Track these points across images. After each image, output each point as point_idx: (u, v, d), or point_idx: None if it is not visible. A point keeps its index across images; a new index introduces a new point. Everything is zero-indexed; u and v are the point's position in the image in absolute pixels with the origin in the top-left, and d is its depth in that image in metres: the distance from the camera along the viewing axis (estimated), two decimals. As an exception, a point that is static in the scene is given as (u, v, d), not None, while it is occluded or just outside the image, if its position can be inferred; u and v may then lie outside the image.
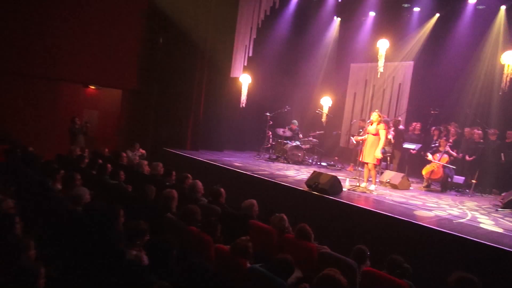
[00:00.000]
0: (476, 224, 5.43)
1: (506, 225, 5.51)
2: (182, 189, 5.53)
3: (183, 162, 9.51)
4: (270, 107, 10.98)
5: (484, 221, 5.64)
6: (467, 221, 5.54)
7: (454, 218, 5.66)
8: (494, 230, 5.18)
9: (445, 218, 5.60)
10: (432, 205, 6.52)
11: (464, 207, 6.66)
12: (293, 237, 3.86)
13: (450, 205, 6.73)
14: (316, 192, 6.39)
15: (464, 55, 10.01)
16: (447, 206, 6.55)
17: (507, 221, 5.83)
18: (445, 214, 5.86)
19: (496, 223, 5.57)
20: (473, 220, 5.63)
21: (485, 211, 6.43)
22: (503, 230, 5.21)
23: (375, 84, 12.00)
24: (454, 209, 6.38)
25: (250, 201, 4.57)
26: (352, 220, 5.71)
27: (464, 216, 5.89)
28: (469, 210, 6.36)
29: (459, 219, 5.61)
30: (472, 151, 8.67)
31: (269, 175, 7.71)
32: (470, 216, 5.90)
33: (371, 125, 7.50)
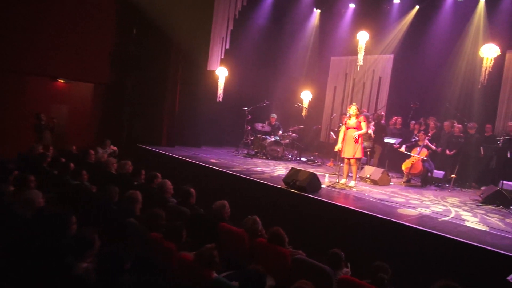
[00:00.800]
0: (461, 222, 5.27)
1: (490, 223, 5.38)
2: (151, 189, 5.18)
3: (158, 159, 9.11)
4: (248, 101, 10.65)
5: (468, 219, 5.50)
6: (451, 219, 5.39)
7: (438, 216, 5.49)
8: (479, 228, 5.03)
9: (429, 216, 5.43)
10: (415, 202, 6.36)
11: (447, 203, 6.52)
12: (265, 241, 3.57)
13: (433, 201, 6.58)
14: (293, 189, 6.13)
15: (444, 48, 9.92)
16: (430, 203, 6.40)
17: (491, 217, 5.72)
18: (428, 212, 5.69)
19: (481, 221, 5.44)
20: (457, 218, 5.48)
21: (468, 207, 6.31)
22: (488, 228, 5.07)
23: (355, 78, 11.82)
24: (437, 206, 6.23)
25: (221, 202, 4.26)
26: (332, 219, 5.48)
27: (448, 213, 5.73)
28: (452, 207, 6.23)
29: (443, 217, 5.45)
30: (452, 145, 8.59)
31: (245, 172, 7.41)
32: (454, 214, 5.74)
33: (349, 119, 7.29)
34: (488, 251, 4.10)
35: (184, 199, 4.61)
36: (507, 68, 8.97)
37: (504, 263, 3.97)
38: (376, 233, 4.98)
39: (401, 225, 4.82)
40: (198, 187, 7.49)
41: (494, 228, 5.07)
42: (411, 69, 10.47)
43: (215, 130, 11.50)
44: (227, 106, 10.97)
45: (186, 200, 4.60)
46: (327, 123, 11.91)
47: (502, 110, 9.04)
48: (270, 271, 3.42)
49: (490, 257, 4.07)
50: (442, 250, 4.41)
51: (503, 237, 4.65)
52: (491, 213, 6.01)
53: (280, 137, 10.18)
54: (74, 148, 7.86)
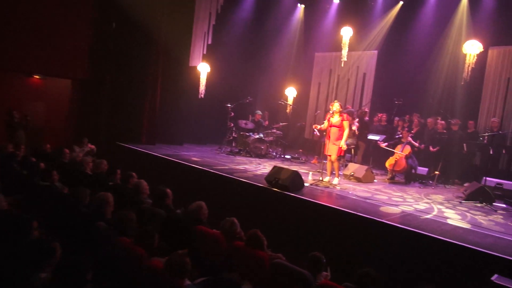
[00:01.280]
0: (443, 220, 5.20)
1: (472, 220, 5.33)
2: (126, 190, 4.95)
3: (137, 157, 8.85)
4: (232, 98, 10.45)
5: (451, 216, 5.44)
6: (434, 217, 5.32)
7: (420, 214, 5.41)
8: (461, 226, 4.96)
9: (412, 215, 5.34)
10: (397, 200, 6.27)
11: (429, 200, 6.47)
12: (243, 244, 3.40)
13: (416, 199, 6.51)
14: (276, 188, 5.97)
15: (427, 45, 9.89)
16: (413, 200, 6.33)
17: (473, 215, 5.66)
18: (411, 210, 5.61)
19: (463, 218, 5.38)
20: (440, 216, 5.41)
21: (450, 205, 6.26)
22: (470, 226, 5.01)
23: (339, 74, 11.72)
24: (420, 203, 6.16)
25: (198, 203, 4.06)
26: (314, 219, 5.34)
27: (431, 211, 5.67)
28: (435, 204, 6.17)
29: (426, 215, 5.37)
30: (435, 141, 8.56)
31: (228, 170, 7.22)
32: (436, 211, 5.68)
33: (332, 117, 7.16)
34: (471, 250, 4.01)
35: (159, 200, 4.40)
36: (489, 65, 8.98)
37: (487, 262, 3.88)
38: (359, 233, 4.86)
39: (384, 224, 4.71)
40: (178, 187, 7.29)
41: (477, 225, 5.00)
42: (395, 66, 10.42)
43: (197, 127, 11.27)
44: (210, 103, 10.75)
45: (162, 201, 4.39)
46: (311, 120, 11.79)
47: (485, 107, 9.05)
48: (247, 276, 3.25)
49: (473, 257, 3.98)
50: (425, 249, 4.31)
51: (486, 235, 4.59)
52: (473, 210, 5.97)
53: (264, 134, 10.01)
54: (48, 146, 7.54)
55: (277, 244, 5.43)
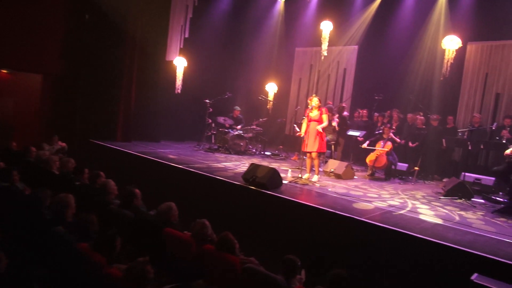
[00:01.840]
0: (416, 215, 5.15)
1: (445, 215, 5.28)
2: (93, 190, 4.67)
3: (111, 155, 8.51)
4: (210, 93, 10.18)
5: (424, 212, 5.39)
6: (407, 212, 5.27)
7: (394, 209, 5.34)
8: (432, 221, 4.91)
9: (386, 210, 5.26)
10: (373, 196, 6.19)
11: (405, 196, 6.41)
12: (213, 248, 3.19)
13: (392, 194, 6.45)
14: (253, 186, 5.78)
15: (407, 40, 9.84)
16: (388, 196, 6.26)
17: (448, 210, 5.61)
18: (385, 205, 5.53)
19: (436, 214, 5.33)
20: (413, 211, 5.35)
21: (425, 200, 6.23)
22: (442, 221, 4.97)
23: (320, 69, 11.58)
24: (395, 199, 6.10)
25: (167, 204, 3.83)
26: (292, 218, 5.18)
27: (405, 206, 5.60)
28: (410, 200, 6.12)
29: (399, 210, 5.31)
30: (414, 137, 8.53)
31: (204, 168, 6.98)
32: (410, 207, 5.63)
33: (311, 112, 7.03)
34: (451, 248, 3.91)
35: (127, 201, 4.14)
36: (468, 60, 8.99)
37: (467, 261, 3.79)
38: (336, 231, 4.72)
39: (362, 222, 4.57)
40: (153, 186, 7.05)
41: (456, 222, 4.93)
42: (375, 61, 10.34)
43: (176, 124, 10.95)
44: (188, 99, 10.46)
45: (130, 202, 4.13)
46: (292, 115, 11.64)
47: (463, 102, 9.06)
48: (217, 282, 3.05)
49: (453, 255, 3.88)
50: (404, 248, 4.19)
51: (466, 233, 4.50)
52: (452, 206, 5.92)
53: (243, 130, 9.79)
54: (14, 145, 7.14)
55: (255, 244, 5.26)
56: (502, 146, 6.88)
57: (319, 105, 7.02)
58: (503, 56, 8.47)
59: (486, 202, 6.54)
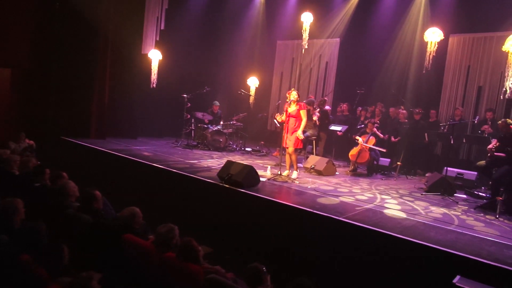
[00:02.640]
0: (380, 209, 5.06)
1: (410, 209, 5.17)
2: (51, 192, 4.31)
3: (83, 153, 8.11)
4: (189, 88, 9.83)
5: (391, 206, 5.28)
6: (373, 207, 5.18)
7: (359, 203, 5.27)
8: (397, 215, 4.83)
9: (350, 204, 5.19)
10: (343, 191, 6.08)
11: (376, 191, 6.29)
12: (174, 256, 2.90)
13: (364, 189, 6.35)
14: (228, 185, 5.49)
15: (389, 32, 9.67)
16: (359, 191, 6.17)
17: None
18: (351, 200, 5.43)
19: (402, 208, 5.21)
20: (380, 206, 5.26)
21: (398, 195, 6.13)
22: (406, 215, 4.86)
23: (302, 63, 11.33)
24: (365, 194, 6.00)
25: (131, 209, 3.51)
26: (268, 218, 4.93)
27: (373, 201, 5.50)
28: (380, 194, 6.03)
29: (366, 205, 5.21)
30: (397, 131, 8.37)
31: (179, 166, 6.66)
32: (379, 200, 5.57)
33: (290, 106, 6.77)
34: (432, 249, 3.70)
35: (86, 204, 3.81)
36: (450, 53, 8.85)
37: (449, 262, 3.59)
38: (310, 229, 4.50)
39: (338, 221, 4.35)
40: (124, 185, 6.73)
41: (438, 220, 4.75)
42: (357, 54, 10.14)
43: (154, 119, 10.58)
44: (166, 93, 10.11)
45: (89, 206, 3.80)
46: (274, 110, 11.37)
47: (446, 96, 8.93)
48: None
49: (434, 256, 3.68)
50: (383, 249, 3.98)
51: (448, 231, 4.32)
52: (435, 202, 5.78)
53: (223, 126, 9.48)
54: (-26, 143, 6.70)
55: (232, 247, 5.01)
56: (484, 140, 6.76)
57: (297, 99, 6.76)
58: (485, 48, 8.35)
59: (469, 197, 6.42)
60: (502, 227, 4.70)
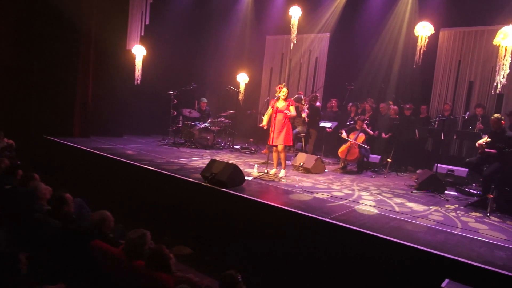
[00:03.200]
0: (353, 205, 4.98)
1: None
2: (22, 195, 4.09)
3: (65, 152, 7.85)
4: (176, 84, 9.59)
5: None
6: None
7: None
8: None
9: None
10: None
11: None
12: (143, 264, 2.71)
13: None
14: (212, 184, 5.29)
15: (379, 26, 9.53)
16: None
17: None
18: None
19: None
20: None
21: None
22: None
23: (291, 58, 11.13)
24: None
25: (101, 213, 3.31)
26: (252, 218, 4.75)
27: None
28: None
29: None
30: (387, 128, 8.22)
31: (163, 165, 6.44)
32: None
33: (278, 102, 6.58)
34: (419, 251, 3.54)
35: (55, 208, 3.60)
36: (440, 47, 8.70)
37: (437, 265, 3.43)
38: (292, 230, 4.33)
39: (323, 222, 4.17)
40: (105, 185, 6.51)
41: (427, 220, 4.59)
42: (347, 49, 9.98)
43: (140, 117, 10.32)
44: (153, 90, 9.86)
45: (59, 209, 3.59)
46: (263, 107, 11.18)
47: (436, 91, 8.79)
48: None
49: (422, 259, 3.51)
50: (369, 250, 3.81)
51: (437, 231, 4.16)
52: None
53: (210, 123, 9.27)
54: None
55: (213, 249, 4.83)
56: (475, 135, 6.62)
57: (286, 96, 6.59)
58: (476, 42, 8.21)
59: (459, 194, 6.29)
60: (492, 226, 4.56)
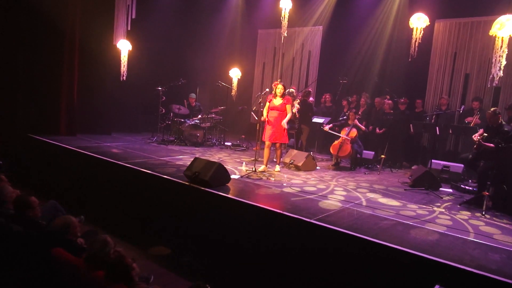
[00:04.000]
0: (321, 199, 4.87)
1: (416, 214, 4.71)
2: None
3: (49, 151, 7.61)
4: (165, 80, 9.34)
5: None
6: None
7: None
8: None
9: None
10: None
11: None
12: (102, 275, 2.48)
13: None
14: (195, 184, 5.06)
15: (373, 19, 9.28)
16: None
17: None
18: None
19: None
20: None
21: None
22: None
23: (284, 52, 10.87)
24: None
25: (65, 219, 3.08)
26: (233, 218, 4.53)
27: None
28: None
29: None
30: (382, 123, 7.99)
31: (147, 163, 6.20)
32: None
33: (275, 98, 6.39)
34: (410, 255, 3.32)
35: (18, 212, 3.36)
36: (435, 39, 8.45)
37: (428, 270, 3.21)
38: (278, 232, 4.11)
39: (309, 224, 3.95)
40: (86, 186, 6.29)
41: (419, 220, 4.37)
42: (340, 42, 9.72)
43: (129, 114, 10.11)
44: (141, 86, 9.63)
45: (22, 214, 3.35)
46: (253, 103, 10.93)
47: (432, 84, 8.55)
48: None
49: (412, 263, 3.29)
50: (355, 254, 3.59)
51: (429, 232, 3.93)
52: (418, 197, 5.39)
53: (200, 120, 9.03)
54: None
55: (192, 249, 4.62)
56: (471, 130, 6.39)
57: (283, 93, 6.40)
58: (472, 34, 7.96)
59: (455, 191, 6.07)
60: (488, 226, 4.34)
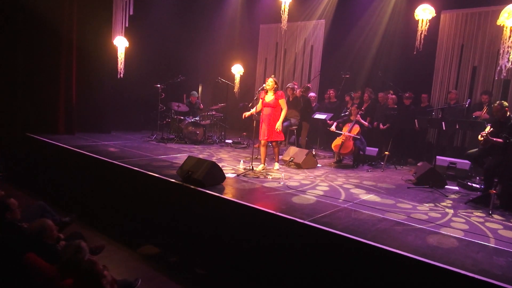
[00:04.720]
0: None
1: (414, 213, 4.49)
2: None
3: (46, 150, 7.53)
4: (166, 77, 9.19)
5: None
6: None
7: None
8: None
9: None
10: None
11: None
12: (71, 283, 2.32)
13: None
14: (188, 184, 4.90)
15: (377, 12, 9.00)
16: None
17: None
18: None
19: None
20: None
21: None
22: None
23: (286, 47, 10.64)
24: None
25: (41, 222, 2.94)
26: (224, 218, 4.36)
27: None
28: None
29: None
30: (385, 118, 7.74)
31: (142, 163, 6.06)
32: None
33: (266, 94, 6.19)
34: (407, 259, 3.11)
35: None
36: (442, 31, 8.14)
37: (426, 275, 3.00)
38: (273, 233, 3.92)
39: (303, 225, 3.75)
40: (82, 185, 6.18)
41: (418, 220, 4.14)
42: (343, 36, 9.46)
43: (129, 112, 9.97)
44: (140, 84, 9.49)
45: (1, 216, 3.22)
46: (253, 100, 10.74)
47: (438, 78, 8.25)
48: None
49: (410, 269, 3.08)
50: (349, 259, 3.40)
51: (430, 233, 3.71)
52: (422, 196, 5.16)
53: (200, 117, 8.87)
54: None
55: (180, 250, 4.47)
56: (478, 125, 6.11)
57: (274, 87, 6.17)
58: (480, 25, 7.64)
59: (461, 189, 5.81)
60: (494, 226, 4.10)
